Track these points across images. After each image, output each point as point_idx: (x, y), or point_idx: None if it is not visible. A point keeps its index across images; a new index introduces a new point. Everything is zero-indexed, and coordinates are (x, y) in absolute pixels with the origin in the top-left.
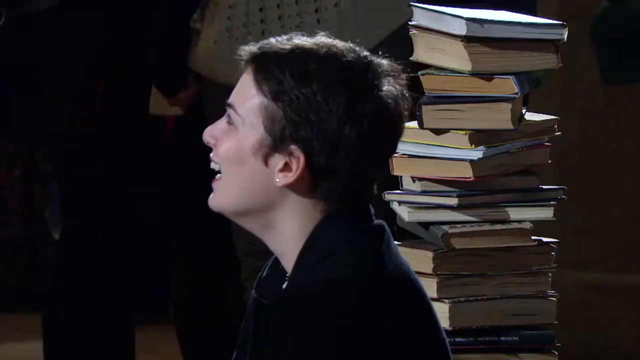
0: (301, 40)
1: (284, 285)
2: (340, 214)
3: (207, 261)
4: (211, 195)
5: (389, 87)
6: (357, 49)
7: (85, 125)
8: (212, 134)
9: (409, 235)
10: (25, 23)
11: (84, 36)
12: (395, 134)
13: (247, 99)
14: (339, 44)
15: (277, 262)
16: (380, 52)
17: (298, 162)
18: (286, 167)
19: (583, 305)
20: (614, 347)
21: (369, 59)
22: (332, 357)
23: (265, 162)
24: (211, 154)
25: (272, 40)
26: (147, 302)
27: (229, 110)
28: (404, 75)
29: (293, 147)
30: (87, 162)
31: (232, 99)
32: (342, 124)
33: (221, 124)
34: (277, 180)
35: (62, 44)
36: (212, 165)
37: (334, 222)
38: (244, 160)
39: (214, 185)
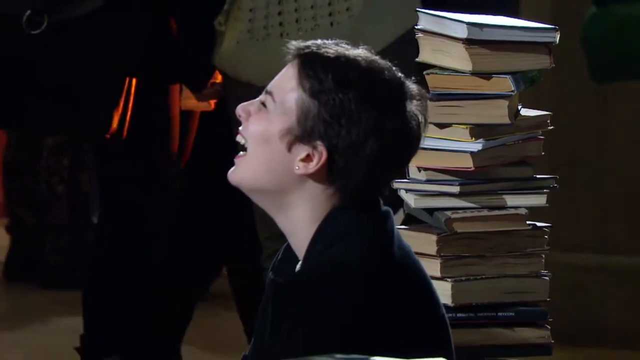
0: (346, 48)
1: (297, 267)
2: (351, 205)
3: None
4: (231, 169)
5: (414, 110)
6: (394, 68)
7: (115, 124)
8: (245, 109)
9: (415, 220)
10: (66, 26)
11: (125, 38)
12: (411, 153)
13: (287, 90)
14: (379, 60)
15: (290, 246)
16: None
17: (320, 157)
18: (307, 158)
19: (574, 285)
20: (604, 326)
21: (402, 80)
22: (338, 334)
23: (289, 148)
24: (240, 128)
25: (320, 41)
26: None
27: (266, 96)
28: (426, 102)
29: (318, 143)
30: (116, 159)
31: (272, 87)
32: (368, 135)
33: (255, 104)
34: (297, 168)
35: (103, 46)
36: (238, 138)
37: (344, 211)
38: (270, 141)
39: (237, 160)
